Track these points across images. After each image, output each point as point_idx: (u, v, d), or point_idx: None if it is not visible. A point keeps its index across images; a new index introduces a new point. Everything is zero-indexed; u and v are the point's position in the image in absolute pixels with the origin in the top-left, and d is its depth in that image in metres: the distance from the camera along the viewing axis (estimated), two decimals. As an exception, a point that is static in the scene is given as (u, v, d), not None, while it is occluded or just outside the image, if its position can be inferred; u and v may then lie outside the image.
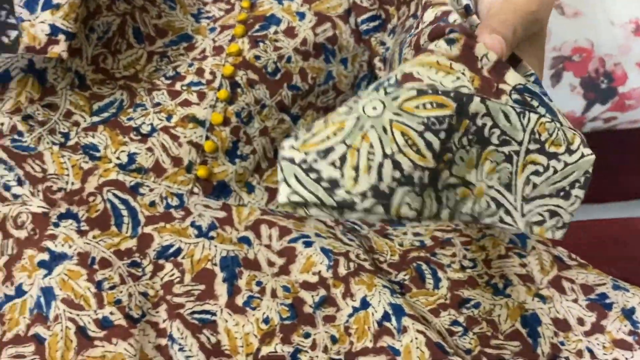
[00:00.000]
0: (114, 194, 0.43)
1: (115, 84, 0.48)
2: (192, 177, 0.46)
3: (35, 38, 0.42)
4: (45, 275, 0.40)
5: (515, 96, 0.36)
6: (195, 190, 0.46)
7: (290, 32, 0.50)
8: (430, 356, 0.39)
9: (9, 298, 0.40)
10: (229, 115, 0.47)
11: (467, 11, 0.41)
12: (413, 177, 0.32)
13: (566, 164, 0.36)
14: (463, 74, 0.35)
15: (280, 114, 0.49)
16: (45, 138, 0.44)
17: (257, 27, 0.50)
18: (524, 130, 0.36)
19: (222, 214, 0.45)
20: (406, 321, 0.40)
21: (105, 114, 0.46)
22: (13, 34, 0.39)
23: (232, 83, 0.48)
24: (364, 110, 0.33)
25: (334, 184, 0.32)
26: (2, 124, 0.43)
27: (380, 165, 0.32)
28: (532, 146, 0.36)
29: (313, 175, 0.32)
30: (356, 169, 0.32)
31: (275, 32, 0.50)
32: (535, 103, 0.36)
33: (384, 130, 0.33)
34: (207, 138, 0.46)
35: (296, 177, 0.32)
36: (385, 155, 0.32)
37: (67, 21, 0.42)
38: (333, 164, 0.32)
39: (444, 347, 0.40)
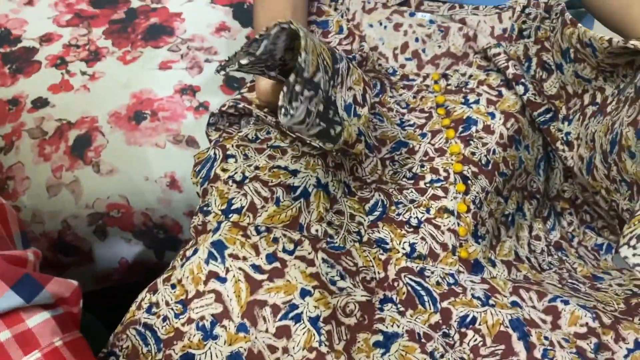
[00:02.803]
0: (410, 278, 0.52)
1: (370, 187, 0.57)
2: (456, 259, 0.54)
3: (350, 135, 0.51)
4: (384, 354, 0.47)
5: None
6: (461, 269, 0.54)
7: (488, 130, 0.61)
8: None
9: None
10: (468, 204, 0.56)
11: None
12: None
13: None
14: None
15: (497, 197, 0.59)
16: (347, 237, 0.52)
17: (460, 129, 0.61)
18: None
19: (486, 286, 0.53)
20: None
21: (377, 213, 0.55)
22: (337, 128, 0.48)
23: (462, 177, 0.57)
24: None
25: None
26: (317, 230, 0.52)
27: None
28: None
29: None
30: None
31: (477, 131, 0.60)
32: None
33: None
34: (458, 225, 0.55)
35: None
36: None
37: (365, 127, 0.52)
38: None
39: None
